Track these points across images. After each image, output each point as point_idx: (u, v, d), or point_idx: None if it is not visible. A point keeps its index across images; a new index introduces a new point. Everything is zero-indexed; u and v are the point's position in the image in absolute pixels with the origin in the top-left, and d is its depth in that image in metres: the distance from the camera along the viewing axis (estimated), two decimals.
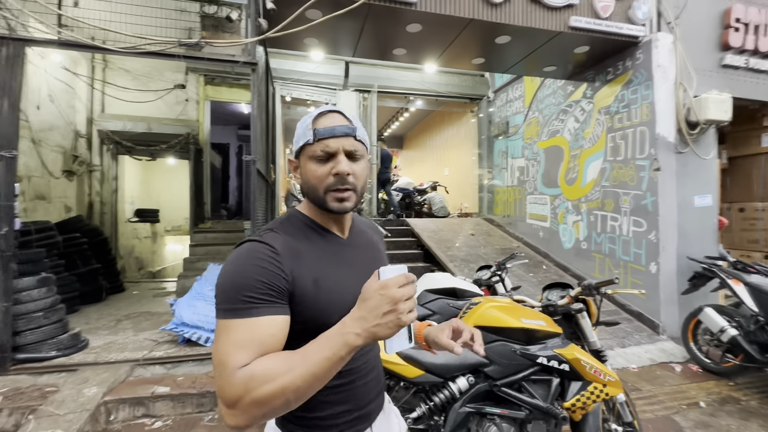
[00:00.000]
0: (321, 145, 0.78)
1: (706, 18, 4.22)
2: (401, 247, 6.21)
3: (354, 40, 4.02)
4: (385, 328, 0.61)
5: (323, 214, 0.85)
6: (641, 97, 4.08)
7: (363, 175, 0.82)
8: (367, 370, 0.86)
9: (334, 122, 0.80)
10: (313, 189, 0.80)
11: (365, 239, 0.93)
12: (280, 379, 0.60)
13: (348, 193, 0.79)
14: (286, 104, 6.96)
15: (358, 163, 0.81)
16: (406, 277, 0.63)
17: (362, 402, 0.84)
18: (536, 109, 5.96)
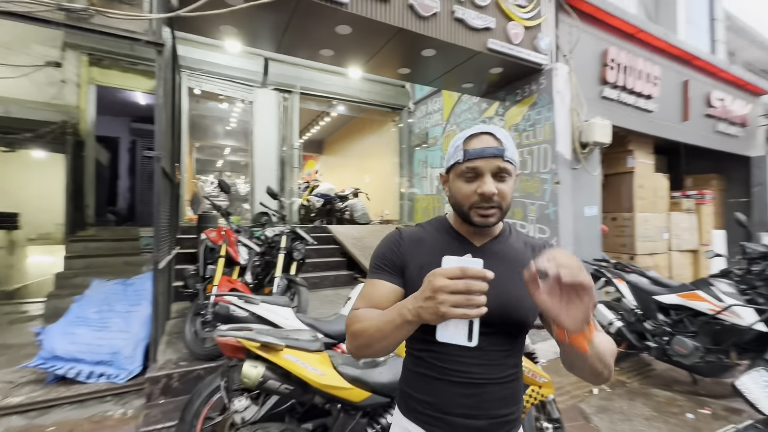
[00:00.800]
0: (470, 165, 0.83)
1: (591, 55, 4.95)
2: (323, 255, 5.99)
3: (278, 34, 3.76)
4: (426, 312, 0.66)
5: (464, 224, 0.91)
6: (544, 118, 4.59)
7: (509, 193, 0.85)
8: (461, 381, 0.83)
9: (484, 144, 0.83)
10: (459, 204, 0.87)
11: (504, 252, 0.90)
12: (364, 323, 0.80)
13: (492, 211, 0.84)
14: (194, 97, 6.24)
15: (505, 182, 0.84)
16: (461, 270, 0.64)
17: (447, 409, 0.84)
18: (454, 123, 6.33)
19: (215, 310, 1.93)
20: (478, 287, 0.63)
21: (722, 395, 3.04)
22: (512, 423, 0.88)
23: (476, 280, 0.64)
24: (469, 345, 0.66)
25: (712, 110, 6.41)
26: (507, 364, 0.86)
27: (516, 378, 0.89)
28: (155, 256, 2.64)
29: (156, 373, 2.50)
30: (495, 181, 0.82)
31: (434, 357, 0.85)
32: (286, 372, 1.38)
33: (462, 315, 0.63)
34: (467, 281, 0.63)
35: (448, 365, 0.83)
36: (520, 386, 0.90)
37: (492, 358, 0.84)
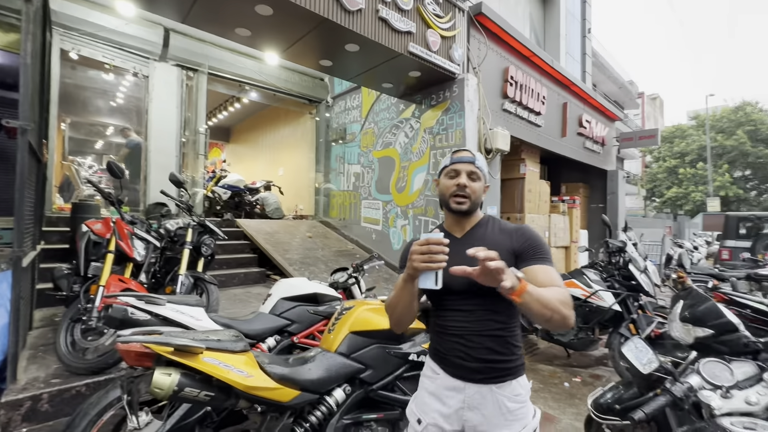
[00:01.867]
0: (453, 167, 1.22)
1: (495, 71, 5.50)
2: (231, 251, 5.55)
3: (187, 2, 3.34)
4: (409, 269, 1.01)
5: (448, 218, 1.28)
6: (456, 124, 4.96)
7: (478, 191, 1.20)
8: (455, 333, 1.15)
9: (462, 154, 1.23)
10: (443, 195, 1.23)
11: (478, 237, 1.19)
12: (388, 300, 1.20)
13: (464, 200, 1.19)
14: (69, 62, 5.19)
15: (475, 182, 1.20)
16: (425, 240, 0.97)
17: (448, 352, 1.17)
18: (372, 121, 6.43)
19: (108, 314, 1.64)
20: (436, 248, 0.94)
21: (588, 365, 3.69)
22: (504, 370, 1.13)
23: (436, 245, 0.94)
24: (436, 288, 0.96)
25: (582, 129, 7.68)
26: (493, 320, 1.12)
27: (503, 334, 1.13)
28: (16, 252, 2.13)
29: (16, 396, 2.02)
30: (467, 179, 1.18)
31: (440, 319, 1.20)
32: (206, 377, 1.24)
33: (426, 267, 0.95)
34: (429, 246, 0.95)
35: (447, 323, 1.17)
36: (510, 341, 1.14)
37: (477, 317, 1.13)
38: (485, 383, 1.11)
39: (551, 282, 1.05)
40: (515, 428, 1.10)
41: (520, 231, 1.19)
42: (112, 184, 5.58)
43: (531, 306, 0.94)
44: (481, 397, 1.11)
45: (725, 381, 1.19)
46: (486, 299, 1.10)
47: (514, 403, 1.11)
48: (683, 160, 22.62)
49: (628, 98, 20.18)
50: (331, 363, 1.57)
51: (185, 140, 5.97)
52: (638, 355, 1.27)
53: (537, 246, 1.14)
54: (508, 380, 1.12)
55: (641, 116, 28.19)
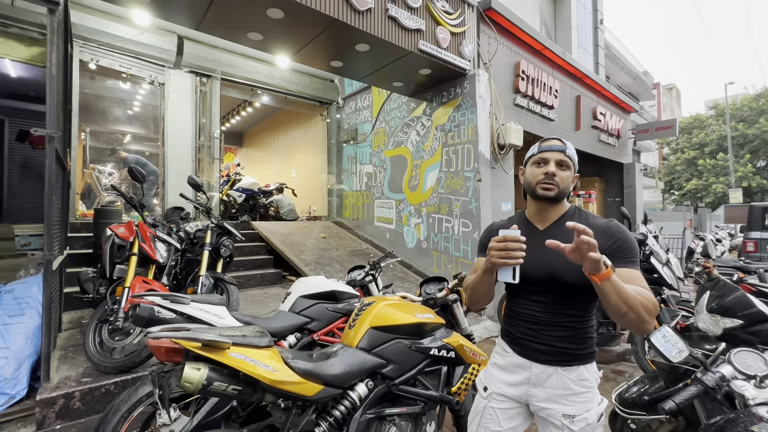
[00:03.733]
0: (541, 156, 1.20)
1: (506, 65, 5.45)
2: (248, 253, 5.64)
3: (200, 10, 3.41)
4: (488, 263, 1.06)
5: (532, 205, 1.26)
6: (468, 120, 4.93)
7: (566, 180, 1.18)
8: (527, 320, 1.21)
9: (551, 142, 1.20)
10: (529, 183, 1.22)
11: (559, 233, 1.15)
12: (469, 280, 1.25)
13: (551, 186, 1.16)
14: (88, 73, 5.35)
15: (564, 171, 1.18)
16: (502, 236, 1.01)
17: (519, 335, 1.23)
18: (383, 120, 6.44)
19: (136, 313, 1.69)
20: (514, 246, 0.99)
21: (610, 361, 3.62)
22: (574, 356, 1.15)
23: (513, 242, 0.99)
24: (513, 282, 1.01)
25: (597, 122, 7.55)
26: (566, 314, 1.16)
27: (576, 326, 1.16)
28: (47, 255, 2.21)
29: (50, 394, 2.10)
30: (557, 167, 1.16)
31: (515, 305, 1.26)
32: (233, 371, 1.26)
33: (503, 263, 1.01)
34: (506, 243, 1.00)
35: (522, 310, 1.23)
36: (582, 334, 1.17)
37: (552, 309, 1.17)
38: (552, 365, 1.16)
39: (635, 283, 1.04)
40: (578, 409, 1.12)
41: (611, 229, 1.15)
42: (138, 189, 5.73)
43: (609, 295, 0.95)
44: (546, 376, 1.16)
45: (758, 370, 1.16)
46: (562, 293, 1.14)
47: (579, 386, 1.14)
48: (702, 151, 21.97)
49: (642, 89, 19.74)
50: (353, 358, 1.58)
51: (200, 145, 6.09)
52: (667, 345, 1.24)
53: (627, 248, 1.11)
54: (575, 365, 1.15)
55: (657, 107, 27.51)
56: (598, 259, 0.91)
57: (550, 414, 1.15)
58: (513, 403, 1.23)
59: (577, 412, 1.12)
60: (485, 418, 1.26)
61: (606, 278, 0.94)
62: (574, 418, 1.11)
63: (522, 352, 1.21)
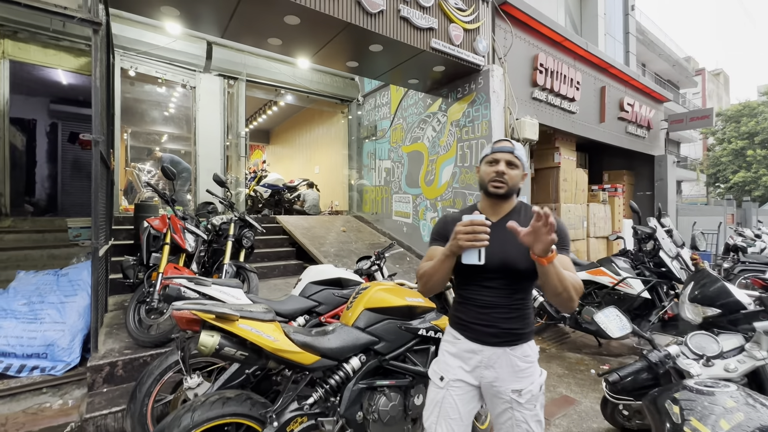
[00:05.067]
0: (492, 156, 1.34)
1: (523, 59, 5.44)
2: (272, 246, 5.98)
3: (224, 19, 3.70)
4: (453, 246, 1.13)
5: (485, 200, 1.39)
6: (482, 115, 4.99)
7: (515, 178, 1.31)
8: (479, 305, 1.31)
9: (502, 144, 1.34)
10: (483, 180, 1.35)
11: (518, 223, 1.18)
12: (424, 267, 1.30)
13: (501, 184, 1.29)
14: (128, 79, 5.84)
15: (513, 170, 1.31)
16: (469, 221, 1.09)
17: (470, 320, 1.33)
18: (401, 117, 6.59)
19: (166, 292, 1.97)
20: (480, 229, 1.08)
21: (620, 354, 3.63)
22: (518, 336, 1.29)
23: (479, 226, 1.08)
24: (479, 263, 1.11)
25: (624, 114, 7.32)
26: (512, 297, 1.29)
27: (520, 307, 1.30)
28: (94, 243, 2.56)
29: (98, 362, 2.45)
30: (506, 166, 1.30)
31: (467, 292, 1.35)
32: (241, 340, 1.49)
33: (471, 245, 1.09)
34: (473, 227, 1.08)
35: (474, 296, 1.32)
36: (526, 313, 1.32)
37: (501, 293, 1.28)
38: (500, 346, 1.28)
39: (568, 268, 1.19)
40: (524, 383, 1.26)
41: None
42: (170, 185, 6.21)
43: (551, 276, 1.09)
44: (496, 357, 1.28)
45: (710, 351, 1.25)
46: (513, 278, 1.26)
47: (524, 363, 1.28)
48: (752, 141, 20.44)
49: (683, 76, 18.65)
50: (348, 335, 1.78)
51: (228, 144, 6.49)
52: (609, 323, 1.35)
53: (564, 237, 1.26)
54: (520, 344, 1.29)
55: (701, 95, 25.81)
56: (554, 240, 1.02)
57: (500, 391, 1.27)
58: (468, 387, 1.33)
59: (524, 386, 1.25)
60: (444, 407, 1.33)
61: (552, 261, 1.07)
62: (521, 391, 1.25)
63: (473, 337, 1.32)
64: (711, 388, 1.00)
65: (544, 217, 0.99)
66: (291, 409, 1.61)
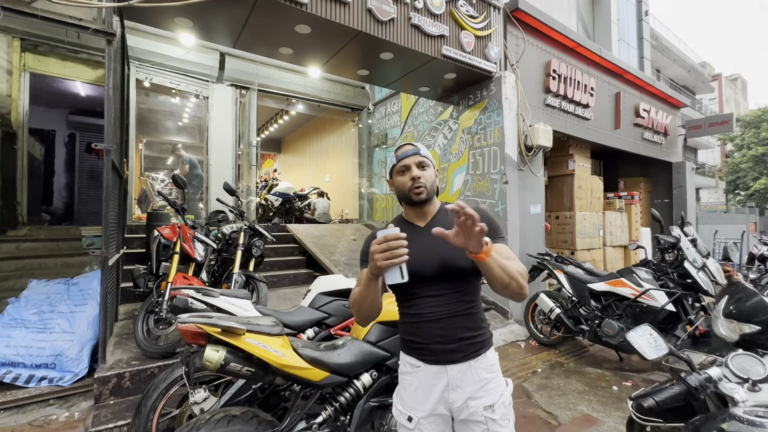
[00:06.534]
0: (400, 164, 1.23)
1: (535, 65, 5.36)
2: (282, 254, 5.95)
3: (236, 29, 3.72)
4: (372, 268, 0.98)
5: (409, 210, 1.28)
6: (494, 122, 4.92)
7: (431, 178, 1.22)
8: (431, 319, 1.17)
9: (405, 149, 1.24)
10: (401, 191, 1.24)
11: (445, 224, 1.13)
12: (353, 296, 1.17)
13: (420, 189, 1.19)
14: (143, 90, 5.95)
15: (425, 170, 1.22)
16: (383, 237, 0.94)
17: (427, 340, 1.18)
18: (411, 124, 6.55)
19: (173, 303, 1.93)
20: (396, 244, 0.93)
21: (642, 369, 3.46)
22: (479, 344, 1.19)
23: (395, 240, 0.93)
24: (403, 281, 0.95)
25: (639, 120, 7.16)
26: (463, 301, 1.18)
27: (473, 311, 1.20)
28: (104, 253, 2.55)
29: (105, 374, 2.42)
30: (418, 170, 1.20)
31: (414, 308, 1.21)
32: (247, 355, 1.43)
33: (389, 264, 0.94)
34: (387, 243, 0.94)
35: (422, 311, 1.18)
36: (479, 317, 1.21)
37: (450, 299, 1.17)
38: (464, 360, 1.16)
39: (509, 257, 1.11)
40: (494, 396, 1.16)
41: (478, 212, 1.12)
42: (180, 194, 6.25)
43: (493, 269, 1.00)
44: (462, 374, 1.16)
45: (755, 374, 1.14)
46: (455, 281, 1.16)
47: (490, 373, 1.18)
48: None
49: (699, 82, 18.30)
50: (358, 350, 1.70)
51: (240, 153, 6.53)
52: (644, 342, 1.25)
53: (493, 225, 1.18)
54: (482, 353, 1.19)
55: (718, 100, 25.28)
56: (484, 229, 0.93)
57: (473, 413, 1.15)
58: (441, 419, 1.21)
59: (494, 400, 1.15)
60: None
61: (489, 254, 0.99)
62: (493, 406, 1.14)
63: (434, 359, 1.18)
64: (763, 419, 0.90)
65: (462, 212, 0.91)
66: (299, 429, 1.53)
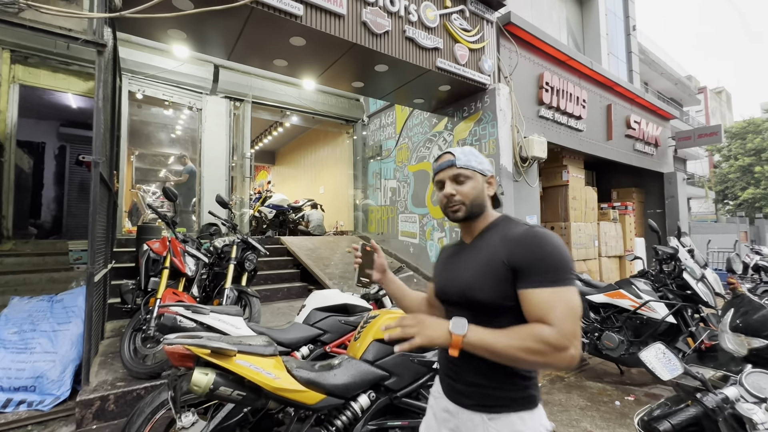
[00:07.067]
0: (436, 179, 1.11)
1: (528, 78, 5.42)
2: (275, 267, 5.85)
3: (231, 42, 3.71)
4: None
5: (459, 226, 1.15)
6: (489, 134, 4.93)
7: (470, 192, 1.05)
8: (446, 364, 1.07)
9: (441, 160, 1.09)
10: (441, 209, 1.11)
11: (479, 247, 1.05)
12: None
13: (456, 207, 1.06)
14: (136, 102, 5.89)
15: (464, 184, 1.05)
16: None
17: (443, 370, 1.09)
18: (406, 136, 6.55)
19: (160, 322, 1.84)
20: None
21: (644, 383, 3.40)
22: (497, 398, 0.95)
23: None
24: None
25: (631, 131, 7.25)
26: None
27: None
28: (90, 269, 2.45)
29: (88, 396, 2.30)
30: (455, 184, 1.06)
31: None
32: (238, 378, 1.35)
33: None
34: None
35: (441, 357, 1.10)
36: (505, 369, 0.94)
37: None
38: (476, 410, 0.97)
39: (543, 315, 0.86)
40: None
41: (522, 240, 0.95)
42: (171, 207, 6.15)
43: (483, 354, 0.87)
44: (473, 425, 0.96)
45: None
46: (477, 316, 0.95)
47: None
48: (759, 157, 20.28)
49: (686, 94, 18.72)
50: (356, 369, 1.63)
51: (234, 165, 6.47)
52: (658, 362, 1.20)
53: (537, 262, 0.90)
54: (504, 412, 0.94)
55: (705, 112, 25.86)
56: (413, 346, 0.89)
57: None
58: None
59: None
60: None
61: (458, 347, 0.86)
62: None
63: (448, 393, 1.05)
64: None
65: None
66: None
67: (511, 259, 0.93)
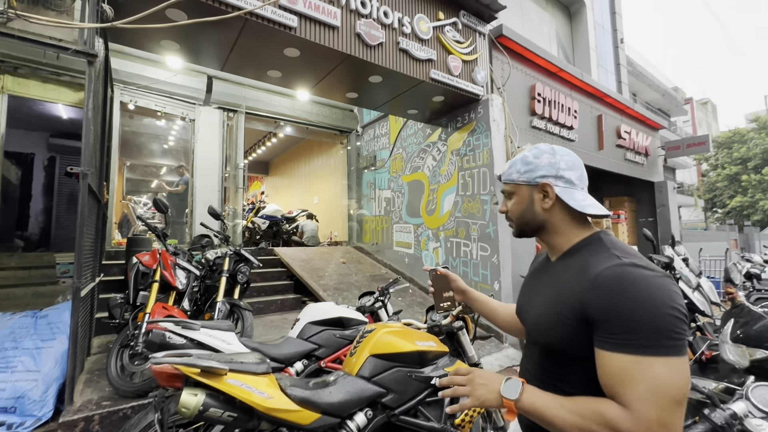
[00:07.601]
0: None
1: (521, 89, 5.48)
2: (269, 279, 5.76)
3: (224, 52, 3.70)
4: None
5: None
6: (483, 144, 4.95)
7: (515, 208, 0.97)
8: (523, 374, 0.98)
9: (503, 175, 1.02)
10: None
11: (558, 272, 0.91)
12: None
13: (510, 224, 1.02)
14: (128, 112, 5.84)
15: (511, 199, 0.99)
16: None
17: None
18: (400, 146, 6.57)
19: (149, 338, 1.77)
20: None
21: None
22: None
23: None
24: None
25: (621, 141, 7.35)
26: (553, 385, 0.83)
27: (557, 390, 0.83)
28: (76, 283, 2.37)
29: (71, 417, 2.20)
30: (507, 200, 1.01)
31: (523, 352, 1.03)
32: (229, 398, 1.29)
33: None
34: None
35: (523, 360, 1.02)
36: None
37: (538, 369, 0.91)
38: None
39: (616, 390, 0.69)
40: None
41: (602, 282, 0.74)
42: (162, 219, 6.06)
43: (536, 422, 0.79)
44: None
45: None
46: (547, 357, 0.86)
47: None
48: (746, 166, 20.73)
49: (673, 105, 19.12)
50: (352, 386, 1.57)
51: (227, 175, 6.41)
52: None
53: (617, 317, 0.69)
54: None
55: (691, 123, 26.45)
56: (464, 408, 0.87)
57: None
58: None
59: None
60: None
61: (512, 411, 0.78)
62: None
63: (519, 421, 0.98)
64: None
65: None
66: None
67: (585, 305, 0.75)
